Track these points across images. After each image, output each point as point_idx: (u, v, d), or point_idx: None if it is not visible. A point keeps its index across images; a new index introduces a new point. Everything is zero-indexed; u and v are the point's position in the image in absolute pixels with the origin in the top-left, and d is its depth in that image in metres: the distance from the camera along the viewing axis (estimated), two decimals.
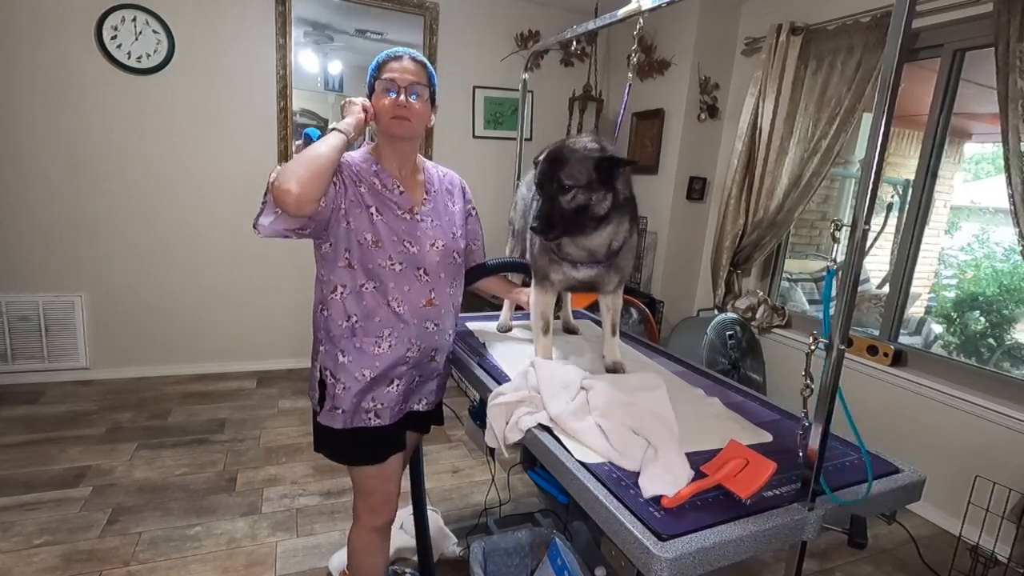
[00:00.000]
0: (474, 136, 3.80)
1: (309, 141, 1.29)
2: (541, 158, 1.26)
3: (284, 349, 3.64)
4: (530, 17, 3.75)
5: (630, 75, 1.48)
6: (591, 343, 1.72)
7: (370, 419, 1.35)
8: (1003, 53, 2.07)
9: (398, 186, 1.35)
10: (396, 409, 1.39)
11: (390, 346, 1.34)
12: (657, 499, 0.89)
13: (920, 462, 1.21)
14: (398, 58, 1.32)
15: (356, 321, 1.32)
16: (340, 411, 1.33)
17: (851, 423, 0.98)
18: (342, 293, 1.31)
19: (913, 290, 2.71)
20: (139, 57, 3.03)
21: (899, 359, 2.63)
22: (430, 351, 1.42)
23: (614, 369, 1.44)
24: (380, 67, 1.33)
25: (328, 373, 1.33)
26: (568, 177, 1.18)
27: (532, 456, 1.48)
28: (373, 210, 1.30)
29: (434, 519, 2.05)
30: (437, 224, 1.41)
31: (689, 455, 1.06)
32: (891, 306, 2.68)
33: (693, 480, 0.93)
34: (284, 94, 3.31)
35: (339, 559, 1.85)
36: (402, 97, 1.29)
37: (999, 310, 3.57)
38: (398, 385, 1.37)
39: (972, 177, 4.25)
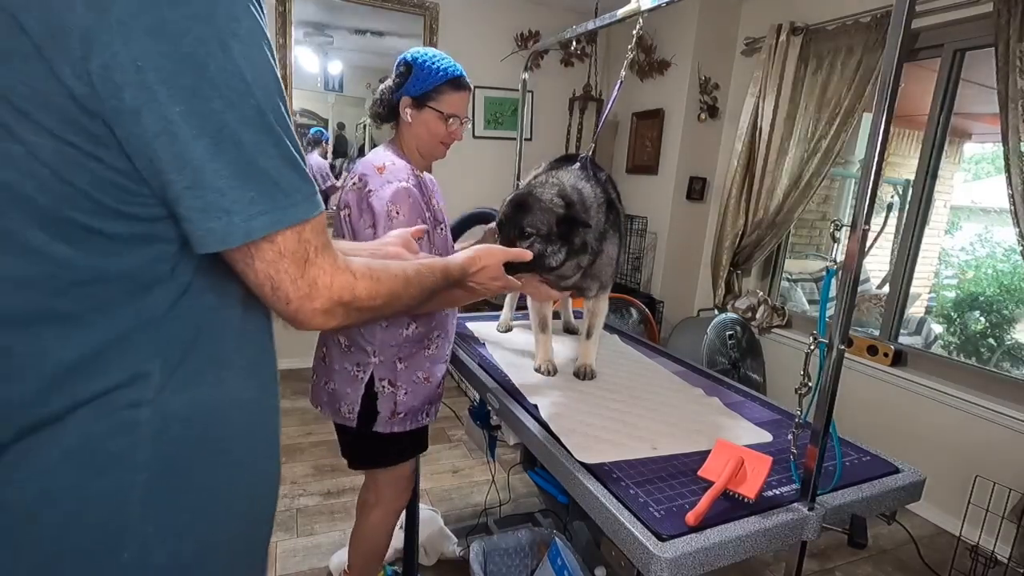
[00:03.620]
0: (474, 136, 3.80)
1: (317, 140, 1.31)
2: (506, 201, 1.25)
3: (284, 349, 3.62)
4: (530, 17, 3.75)
5: (623, 72, 1.47)
6: None
7: (424, 418, 1.42)
8: (1003, 53, 2.07)
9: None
10: (439, 403, 1.49)
11: (437, 347, 1.41)
12: (680, 517, 0.85)
13: (920, 462, 1.21)
14: (466, 89, 1.33)
15: (415, 328, 1.36)
16: (403, 415, 1.37)
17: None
18: None
19: (913, 290, 2.71)
20: None
21: (899, 359, 2.62)
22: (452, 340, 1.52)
23: (582, 373, 1.43)
24: (446, 90, 1.31)
25: (386, 383, 1.35)
26: (529, 225, 1.19)
27: (532, 456, 1.48)
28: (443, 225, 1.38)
29: (434, 519, 2.05)
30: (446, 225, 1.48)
31: (689, 455, 1.06)
32: (891, 306, 2.68)
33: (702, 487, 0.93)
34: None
35: (339, 559, 1.85)
36: (461, 130, 1.34)
37: (999, 310, 3.57)
38: (442, 380, 1.46)
39: (972, 177, 4.25)
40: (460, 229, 1.54)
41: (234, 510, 0.64)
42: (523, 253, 1.10)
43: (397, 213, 1.24)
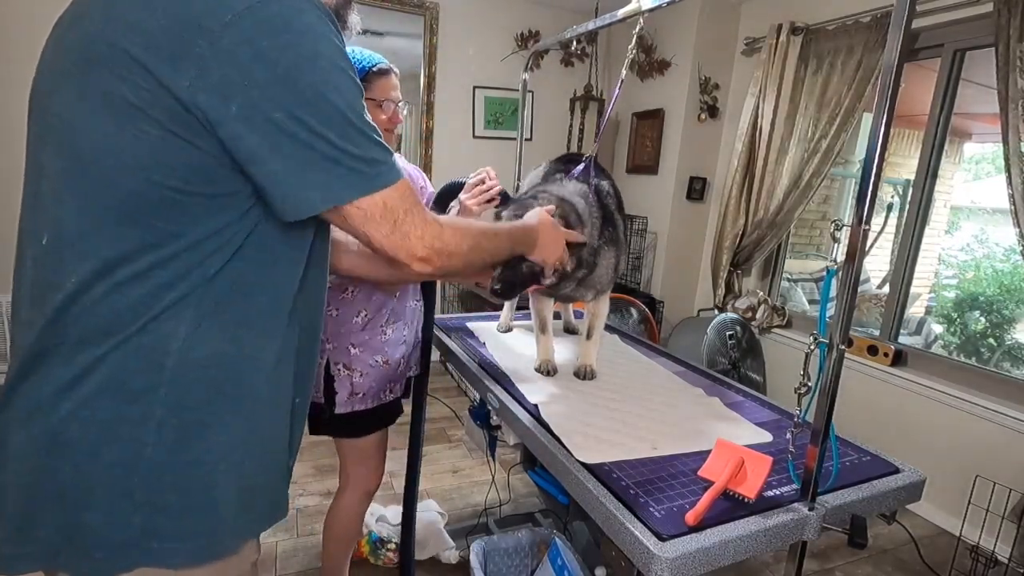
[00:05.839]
0: (474, 136, 3.80)
1: None
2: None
3: None
4: (530, 17, 3.75)
5: (623, 72, 1.48)
6: None
7: (386, 395, 1.48)
8: (1003, 53, 2.07)
9: None
10: (403, 381, 1.53)
11: (393, 331, 1.45)
12: (680, 517, 0.86)
13: (920, 462, 1.21)
14: (388, 73, 1.36)
15: (366, 316, 1.40)
16: (361, 395, 1.42)
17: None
18: (353, 292, 1.38)
19: (913, 290, 2.71)
20: None
21: (899, 359, 2.62)
22: (418, 324, 1.55)
23: (583, 373, 1.43)
24: (374, 78, 1.34)
25: (341, 367, 1.40)
26: None
27: (532, 456, 1.48)
28: None
29: (436, 521, 2.05)
30: None
31: (689, 455, 1.06)
32: (891, 306, 2.68)
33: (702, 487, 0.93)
34: None
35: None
36: (400, 114, 1.37)
37: (999, 310, 3.57)
38: (402, 360, 1.49)
39: (972, 177, 4.25)
40: (440, 208, 1.51)
41: (240, 455, 0.72)
42: (578, 235, 1.18)
43: None
